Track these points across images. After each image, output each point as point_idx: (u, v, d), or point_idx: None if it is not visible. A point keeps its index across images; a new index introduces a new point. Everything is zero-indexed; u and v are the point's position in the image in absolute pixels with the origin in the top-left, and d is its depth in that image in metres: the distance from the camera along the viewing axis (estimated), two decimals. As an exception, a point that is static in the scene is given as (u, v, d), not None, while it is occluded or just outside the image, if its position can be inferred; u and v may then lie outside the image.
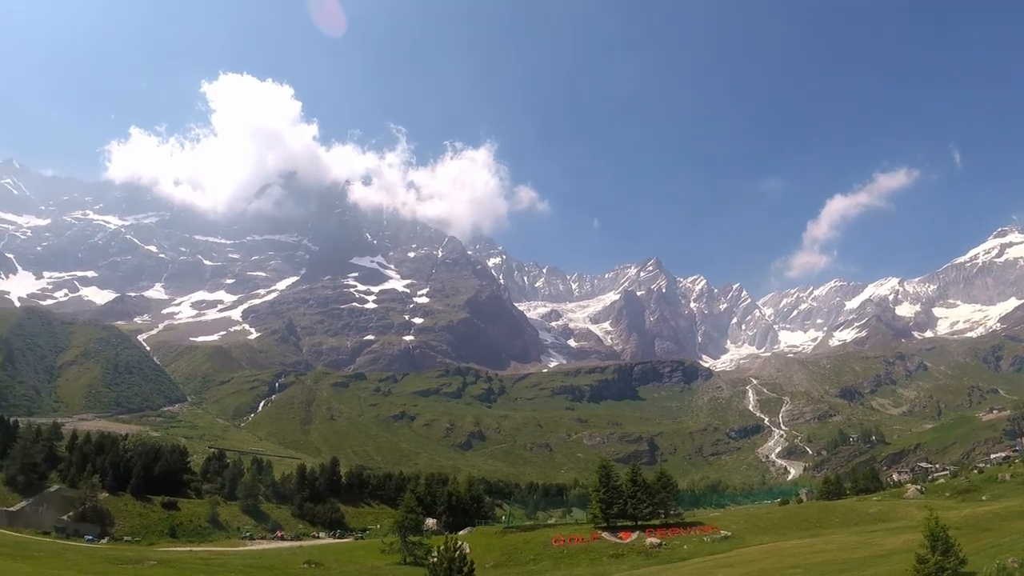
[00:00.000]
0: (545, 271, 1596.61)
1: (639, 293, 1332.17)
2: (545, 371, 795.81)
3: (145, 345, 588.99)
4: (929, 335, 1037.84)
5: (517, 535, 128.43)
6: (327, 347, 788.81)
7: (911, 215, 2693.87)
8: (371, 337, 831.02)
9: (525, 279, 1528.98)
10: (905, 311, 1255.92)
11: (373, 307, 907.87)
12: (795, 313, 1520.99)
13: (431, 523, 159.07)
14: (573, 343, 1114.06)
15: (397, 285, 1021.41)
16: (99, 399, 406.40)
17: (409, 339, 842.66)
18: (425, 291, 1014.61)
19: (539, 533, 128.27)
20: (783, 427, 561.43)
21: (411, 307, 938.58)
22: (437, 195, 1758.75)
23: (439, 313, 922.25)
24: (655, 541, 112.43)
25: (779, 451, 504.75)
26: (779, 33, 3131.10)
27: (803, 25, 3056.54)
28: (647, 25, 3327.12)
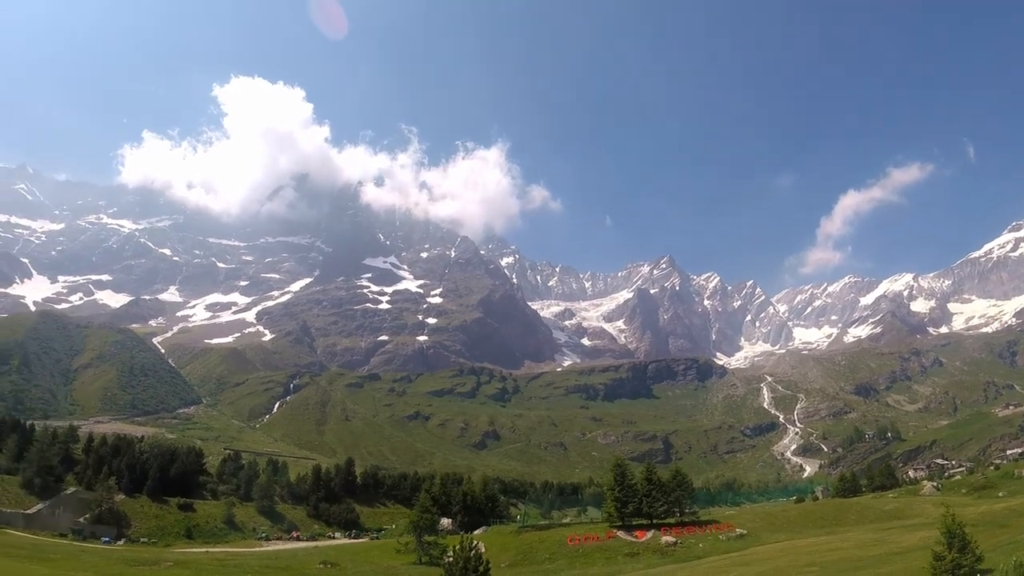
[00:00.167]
0: (558, 270, 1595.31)
1: (652, 291, 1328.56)
2: (559, 370, 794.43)
3: (160, 348, 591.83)
4: (944, 331, 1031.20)
5: (532, 534, 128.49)
6: (341, 348, 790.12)
7: (925, 210, 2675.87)
8: (385, 337, 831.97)
9: (538, 278, 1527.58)
10: (920, 307, 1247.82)
11: (387, 308, 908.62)
12: (809, 310, 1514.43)
13: (446, 523, 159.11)
14: (587, 342, 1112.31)
15: (410, 285, 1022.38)
16: (115, 402, 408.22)
17: (423, 339, 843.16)
18: (438, 291, 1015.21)
19: (554, 532, 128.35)
20: (798, 424, 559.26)
21: (424, 307, 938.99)
22: (449, 195, 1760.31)
23: (452, 313, 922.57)
24: (670, 540, 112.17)
25: (794, 448, 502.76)
26: (790, 28, 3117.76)
27: (814, 20, 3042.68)
28: (658, 22, 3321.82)
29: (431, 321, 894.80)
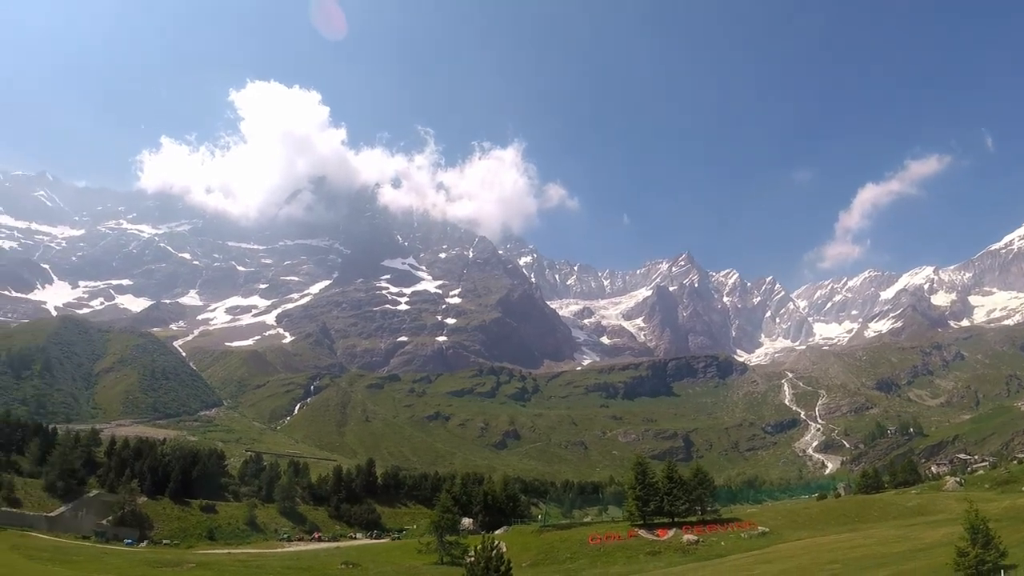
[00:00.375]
0: (576, 269, 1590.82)
1: (671, 288, 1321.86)
2: (579, 369, 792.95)
3: (181, 351, 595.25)
4: (965, 324, 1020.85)
5: (553, 534, 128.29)
6: (361, 349, 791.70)
7: (944, 202, 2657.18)
8: (404, 338, 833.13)
9: (556, 277, 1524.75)
10: (940, 300, 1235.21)
11: (406, 308, 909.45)
12: (829, 305, 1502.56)
13: (467, 523, 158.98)
14: (606, 340, 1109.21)
15: (429, 286, 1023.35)
16: (136, 405, 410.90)
17: (442, 340, 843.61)
18: (457, 291, 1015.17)
19: (575, 531, 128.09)
20: (820, 421, 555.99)
21: (443, 308, 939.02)
22: (466, 195, 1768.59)
23: (471, 313, 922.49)
24: (692, 538, 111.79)
25: (816, 445, 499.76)
26: (805, 23, 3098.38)
27: (829, 13, 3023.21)
28: (672, 18, 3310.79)
29: (450, 321, 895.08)
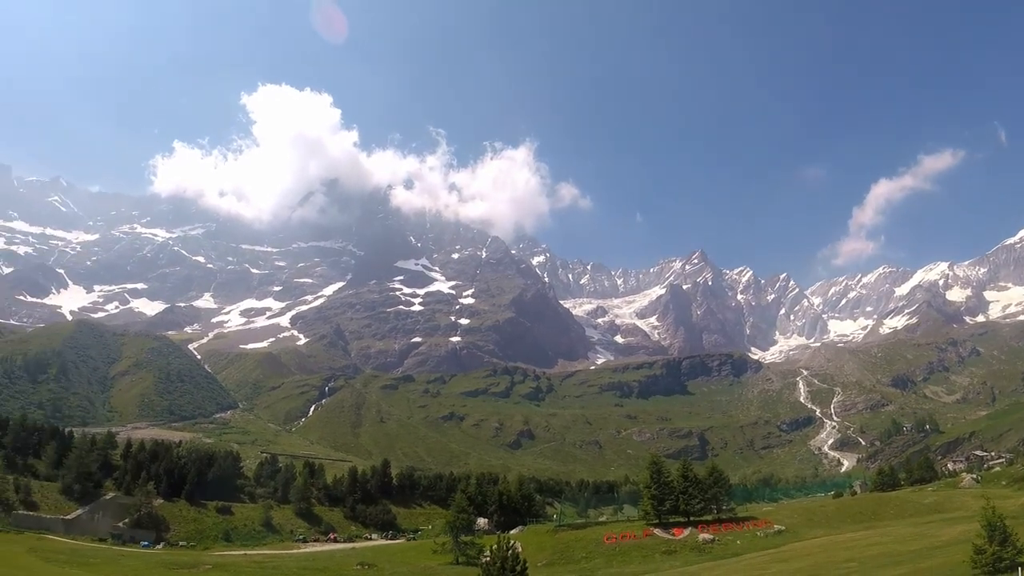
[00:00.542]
0: (589, 268, 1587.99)
1: (685, 286, 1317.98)
2: (593, 368, 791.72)
3: (196, 354, 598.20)
4: (981, 319, 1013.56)
5: (569, 533, 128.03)
6: (375, 350, 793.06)
7: (958, 196, 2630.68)
8: (418, 339, 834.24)
9: (570, 276, 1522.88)
10: (956, 296, 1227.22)
11: (419, 309, 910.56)
12: (844, 301, 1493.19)
13: (482, 523, 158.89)
14: (620, 339, 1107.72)
15: (442, 287, 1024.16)
16: (152, 408, 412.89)
17: (456, 340, 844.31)
18: (470, 292, 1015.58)
19: (591, 531, 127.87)
20: (835, 418, 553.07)
21: (457, 308, 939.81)
22: (479, 196, 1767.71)
23: (485, 313, 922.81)
24: (708, 537, 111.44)
25: (832, 443, 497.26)
26: (815, 18, 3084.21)
27: (840, 8, 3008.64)
28: (682, 16, 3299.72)
29: (464, 322, 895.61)
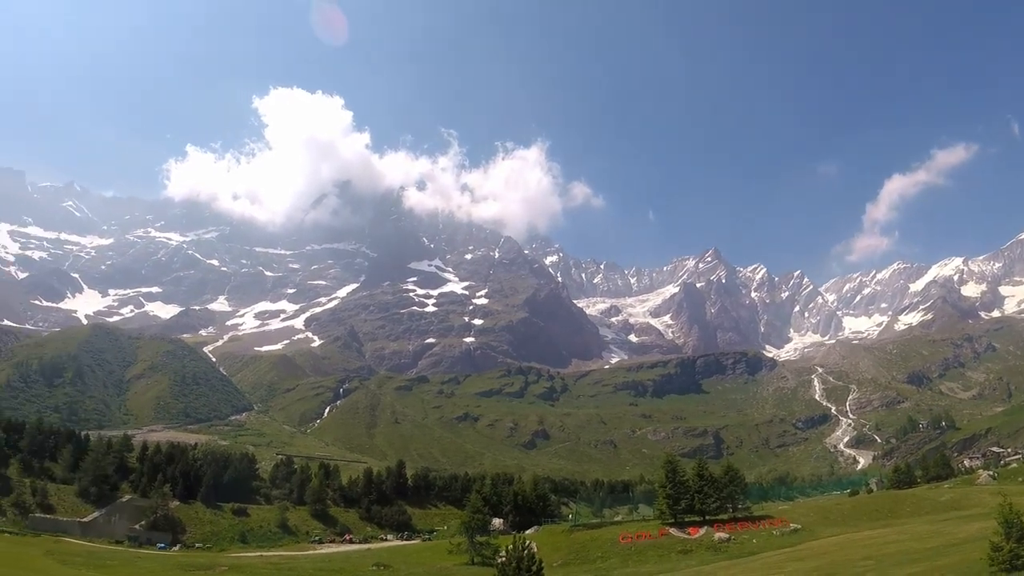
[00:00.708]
0: (602, 267, 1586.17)
1: (698, 285, 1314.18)
2: (607, 367, 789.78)
3: (211, 356, 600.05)
4: (996, 315, 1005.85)
5: (584, 533, 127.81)
6: (389, 352, 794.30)
7: (972, 191, 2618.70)
8: (432, 340, 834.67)
9: (583, 276, 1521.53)
10: (971, 291, 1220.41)
11: (433, 310, 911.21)
12: (858, 298, 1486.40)
13: (498, 523, 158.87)
14: (634, 338, 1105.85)
15: (456, 287, 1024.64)
16: (168, 410, 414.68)
17: (470, 340, 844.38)
18: (484, 292, 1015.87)
19: (606, 530, 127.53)
20: (851, 416, 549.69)
21: (470, 309, 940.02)
22: (491, 196, 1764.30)
23: (498, 313, 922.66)
24: (724, 536, 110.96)
25: (847, 440, 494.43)
26: (827, 13, 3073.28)
27: (851, 3, 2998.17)
28: (694, 12, 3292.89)
29: (477, 322, 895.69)
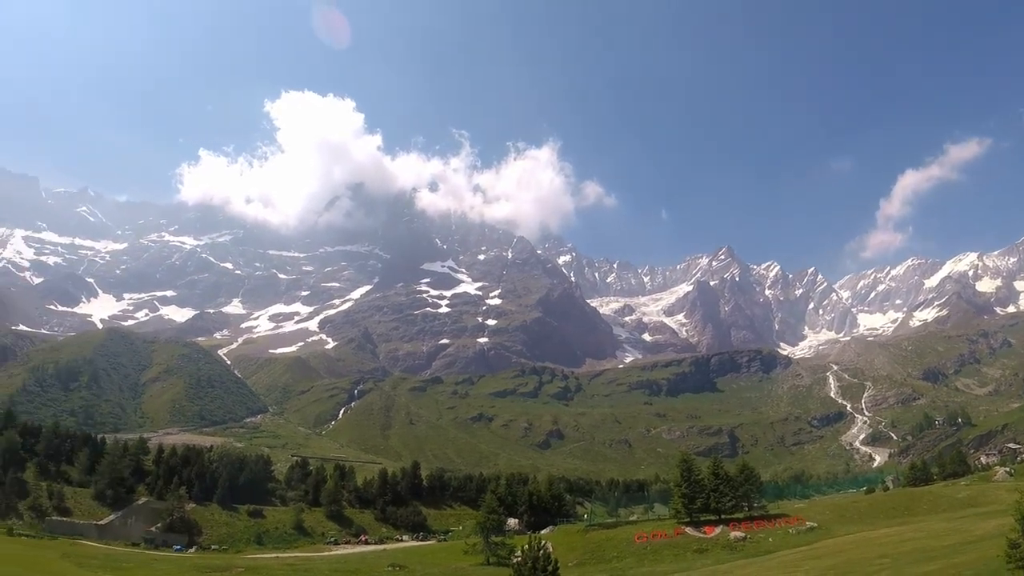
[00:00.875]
0: (616, 266, 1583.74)
1: (712, 283, 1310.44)
2: (621, 367, 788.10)
3: (226, 359, 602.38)
4: (1012, 310, 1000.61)
5: (599, 533, 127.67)
6: (403, 353, 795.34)
7: (986, 186, 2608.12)
8: (446, 341, 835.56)
9: (596, 275, 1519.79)
10: (986, 286, 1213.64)
11: (446, 311, 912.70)
12: (873, 295, 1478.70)
13: (513, 523, 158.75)
14: (648, 337, 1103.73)
15: (469, 288, 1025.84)
16: (183, 413, 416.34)
17: (483, 341, 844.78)
18: (497, 292, 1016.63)
19: (621, 530, 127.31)
20: (866, 413, 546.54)
21: (484, 309, 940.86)
22: (503, 196, 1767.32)
23: (512, 314, 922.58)
24: (739, 534, 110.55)
25: (863, 438, 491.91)
26: (837, 8, 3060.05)
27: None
28: (704, 10, 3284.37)
29: (491, 323, 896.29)
